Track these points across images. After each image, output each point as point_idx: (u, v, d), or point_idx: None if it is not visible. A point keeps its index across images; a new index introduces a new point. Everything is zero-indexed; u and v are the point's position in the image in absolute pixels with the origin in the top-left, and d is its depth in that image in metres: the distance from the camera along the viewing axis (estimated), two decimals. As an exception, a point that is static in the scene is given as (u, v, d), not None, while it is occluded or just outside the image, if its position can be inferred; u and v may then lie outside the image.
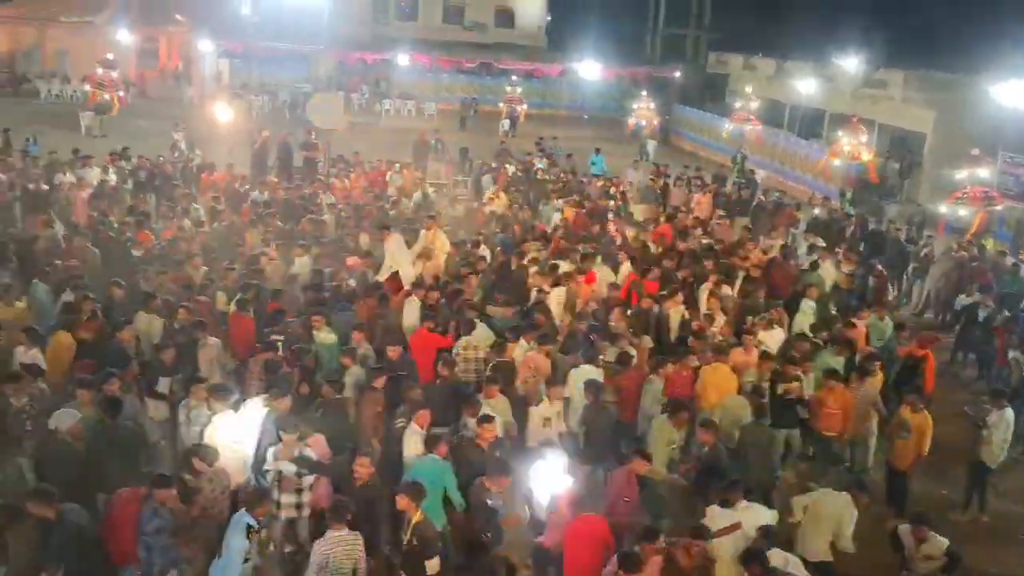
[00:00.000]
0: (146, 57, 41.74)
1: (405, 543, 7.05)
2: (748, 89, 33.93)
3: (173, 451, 8.97)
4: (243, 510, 7.03)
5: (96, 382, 8.65)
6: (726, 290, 13.45)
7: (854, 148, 21.53)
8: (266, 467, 7.97)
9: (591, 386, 9.46)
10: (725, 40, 48.15)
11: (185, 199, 17.33)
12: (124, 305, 11.13)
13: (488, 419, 8.57)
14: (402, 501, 7.11)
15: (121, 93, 34.42)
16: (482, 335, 10.94)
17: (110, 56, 36.15)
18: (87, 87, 32.61)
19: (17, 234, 14.63)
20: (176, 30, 41.10)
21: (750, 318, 12.58)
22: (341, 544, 6.90)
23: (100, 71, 33.68)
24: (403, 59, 39.64)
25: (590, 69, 39.54)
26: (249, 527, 6.88)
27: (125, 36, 38.35)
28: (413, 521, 7.03)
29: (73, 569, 6.73)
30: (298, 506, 7.91)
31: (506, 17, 48.42)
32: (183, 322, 10.54)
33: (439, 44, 43.52)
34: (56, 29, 39.83)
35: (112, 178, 18.97)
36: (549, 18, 50.34)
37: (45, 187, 17.30)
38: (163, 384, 9.49)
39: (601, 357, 10.67)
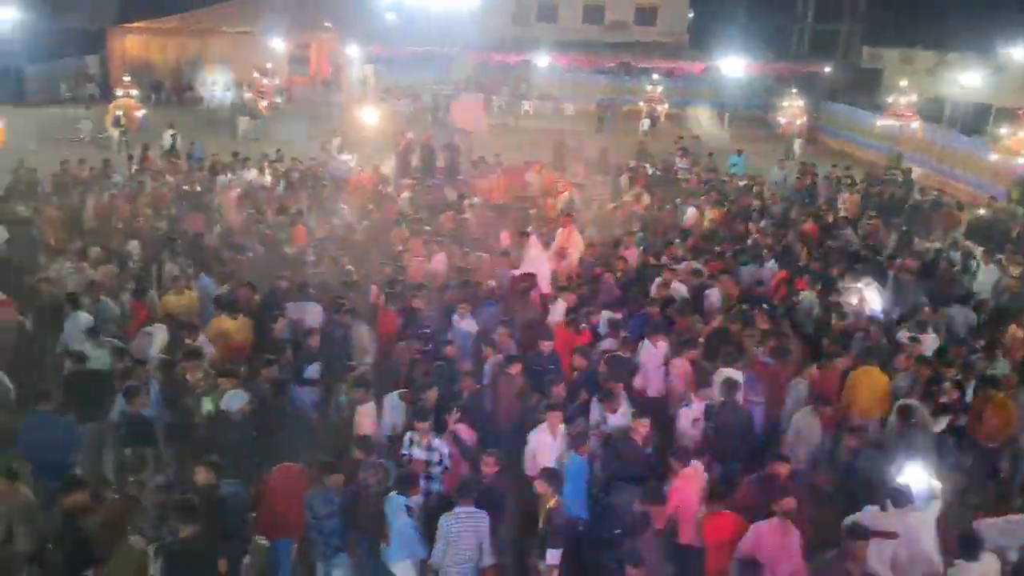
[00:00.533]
0: (297, 64, 43.73)
1: (540, 528, 7.21)
2: (903, 83, 32.26)
3: (325, 435, 9.31)
4: (395, 492, 7.30)
5: (256, 369, 9.16)
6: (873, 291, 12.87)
7: (1019, 144, 20.13)
8: (403, 451, 8.21)
9: (726, 385, 9.25)
10: (879, 33, 46.00)
11: (334, 199, 18.06)
12: (283, 297, 11.65)
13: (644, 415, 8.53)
14: (540, 486, 7.30)
15: (278, 100, 36.45)
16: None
17: (269, 65, 38.36)
18: (250, 94, 34.74)
19: (184, 231, 15.56)
20: (325, 37, 42.83)
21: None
22: (469, 519, 7.11)
23: (258, 77, 35.74)
24: (543, 60, 39.87)
25: (734, 66, 38.57)
26: (408, 507, 7.16)
27: (279, 44, 40.33)
28: (548, 507, 7.17)
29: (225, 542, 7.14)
30: (427, 493, 8.07)
31: (647, 15, 47.84)
32: (336, 314, 10.94)
33: (579, 44, 43.54)
34: (218, 39, 42.29)
35: (267, 179, 20.00)
36: (692, 15, 49.47)
37: (198, 188, 18.30)
38: (312, 370, 9.86)
39: (758, 351, 10.41)
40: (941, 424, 9.33)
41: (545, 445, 8.33)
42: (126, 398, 8.51)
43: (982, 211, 20.30)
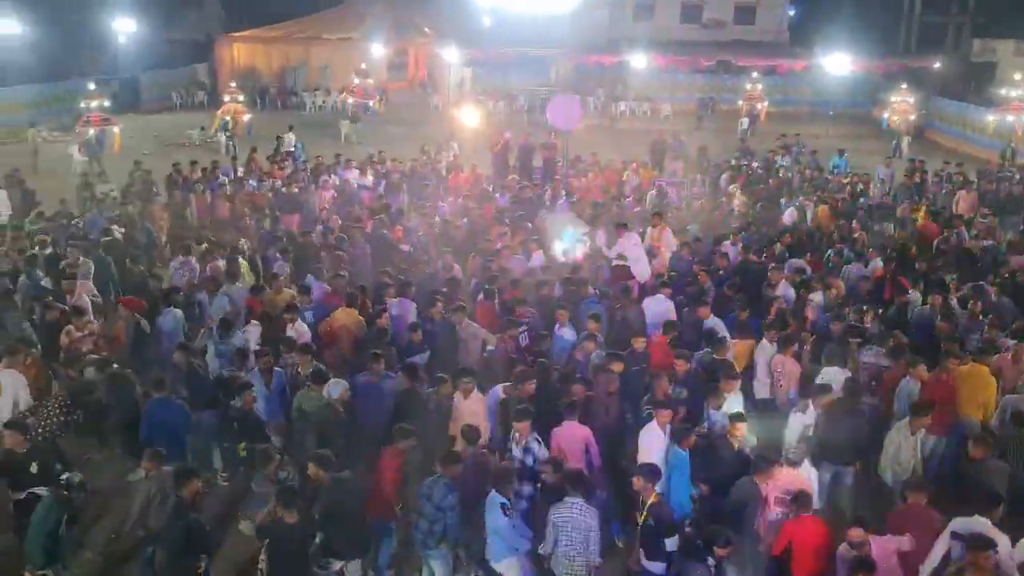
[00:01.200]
0: (395, 69, 44.61)
1: (641, 521, 7.19)
2: (1017, 76, 30.81)
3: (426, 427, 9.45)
4: (494, 491, 7.35)
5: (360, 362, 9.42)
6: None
7: None
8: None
9: (848, 385, 9.01)
10: (991, 25, 43.99)
11: (434, 198, 18.35)
12: (387, 292, 11.88)
13: (741, 417, 8.39)
14: (638, 482, 7.27)
15: (371, 103, 37.28)
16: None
17: (363, 66, 39.29)
18: (347, 98, 35.64)
19: (290, 231, 16.04)
20: (423, 42, 43.56)
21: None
22: (576, 510, 7.12)
23: (356, 80, 36.63)
24: (639, 60, 39.58)
25: (837, 63, 37.45)
26: (503, 505, 7.18)
27: (379, 50, 41.24)
28: (648, 502, 7.16)
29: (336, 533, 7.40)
30: (518, 494, 8.01)
31: (746, 13, 46.95)
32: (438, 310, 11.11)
33: (676, 44, 43.06)
34: (320, 46, 43.51)
35: (369, 179, 20.45)
36: (792, 11, 48.31)
37: (295, 189, 18.88)
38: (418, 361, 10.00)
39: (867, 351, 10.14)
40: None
41: (655, 442, 8.27)
42: (239, 394, 8.82)
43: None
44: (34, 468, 7.77)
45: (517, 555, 7.41)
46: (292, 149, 24.86)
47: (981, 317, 11.43)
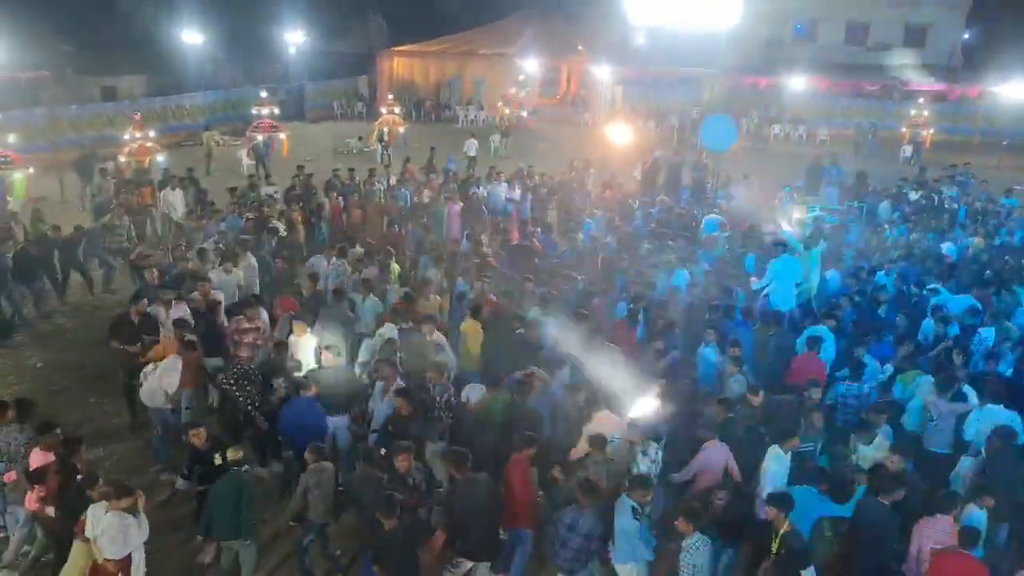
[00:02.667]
0: (548, 85, 45.09)
1: (774, 552, 6.99)
2: None
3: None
4: (625, 494, 7.39)
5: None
6: None
7: None
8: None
9: (998, 433, 8.44)
10: None
11: (581, 213, 18.41)
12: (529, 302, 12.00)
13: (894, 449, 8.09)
14: (771, 512, 7.09)
15: (525, 114, 37.84)
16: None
17: (521, 77, 39.99)
18: (503, 109, 36.37)
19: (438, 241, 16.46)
20: (576, 59, 43.84)
21: None
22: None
23: (513, 90, 37.35)
24: (798, 82, 38.43)
25: (1014, 90, 35.16)
26: (634, 509, 7.22)
27: (532, 66, 41.82)
28: (781, 531, 6.97)
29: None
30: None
31: (917, 35, 44.71)
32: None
33: (838, 66, 41.55)
34: (475, 61, 44.54)
35: (516, 193, 20.70)
36: (967, 34, 45.68)
37: (426, 200, 19.29)
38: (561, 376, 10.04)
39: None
40: None
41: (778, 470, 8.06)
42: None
43: None
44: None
45: (636, 561, 7.40)
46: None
47: None
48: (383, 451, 8.14)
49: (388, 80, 44.51)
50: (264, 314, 11.43)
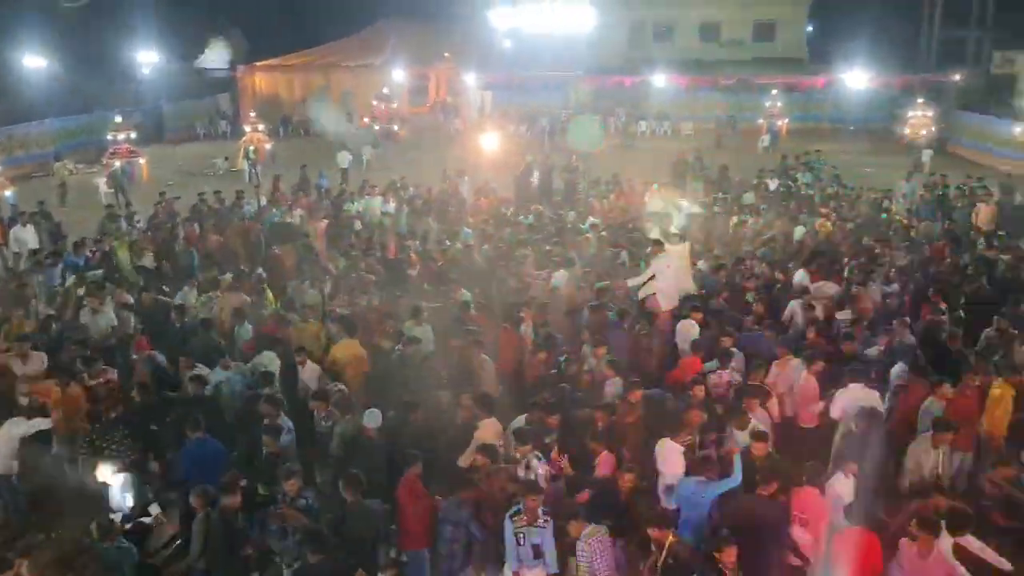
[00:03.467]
0: (416, 93, 44.97)
1: (660, 563, 6.93)
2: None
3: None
4: (508, 516, 7.38)
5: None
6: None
7: None
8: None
9: (864, 415, 8.91)
10: (1012, 38, 43.68)
11: (457, 223, 18.41)
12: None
13: (763, 436, 8.33)
14: (653, 532, 7.03)
15: (395, 127, 37.62)
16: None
17: (385, 90, 39.68)
18: (371, 123, 36.04)
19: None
20: (444, 66, 43.91)
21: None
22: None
23: (375, 103, 37.02)
24: (659, 80, 39.65)
25: (857, 79, 37.36)
26: (516, 534, 7.31)
27: (400, 75, 41.62)
28: (667, 543, 6.94)
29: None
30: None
31: (765, 31, 46.98)
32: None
33: (696, 63, 43.06)
34: (341, 73, 43.99)
35: (391, 206, 20.50)
36: (811, 28, 48.24)
37: (288, 220, 18.89)
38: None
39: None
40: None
41: (674, 458, 8.28)
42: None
43: None
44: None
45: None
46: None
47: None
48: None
49: (252, 96, 43.45)
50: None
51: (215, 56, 51.29)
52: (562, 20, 31.85)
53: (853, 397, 9.34)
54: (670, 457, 8.31)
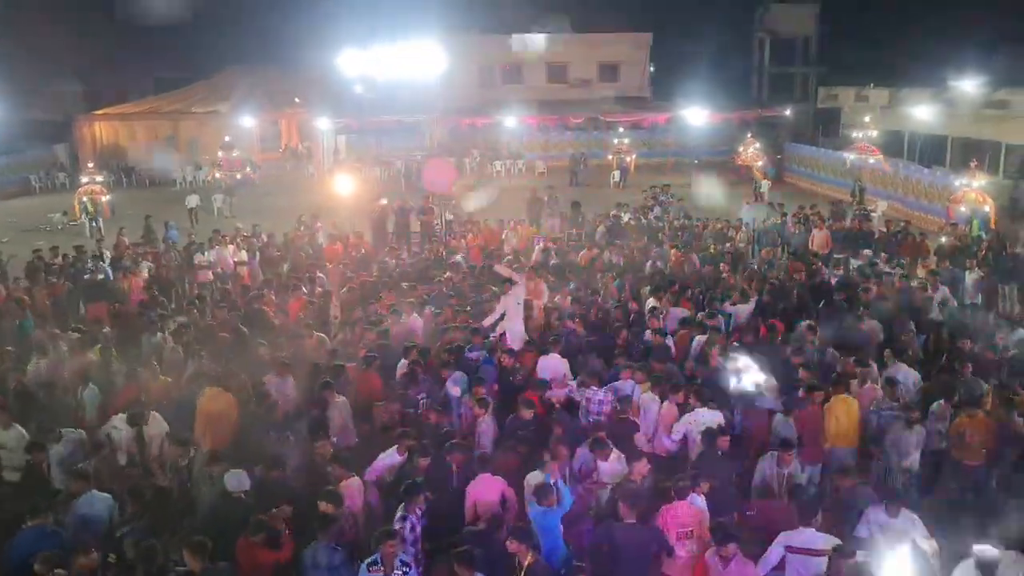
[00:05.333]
0: (268, 140, 44.20)
1: None
2: (867, 119, 33.16)
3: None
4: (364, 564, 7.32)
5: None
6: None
7: (977, 195, 21.21)
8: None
9: (706, 435, 9.23)
10: (834, 74, 47.36)
11: (312, 269, 18.14)
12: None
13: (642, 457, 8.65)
14: (512, 545, 7.19)
15: (239, 176, 36.81)
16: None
17: (227, 138, 38.82)
18: (215, 172, 35.14)
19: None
20: (295, 111, 43.39)
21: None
22: None
23: (221, 155, 36.16)
24: (511, 121, 40.53)
25: (697, 115, 39.43)
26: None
27: (249, 121, 40.81)
28: (526, 563, 7.09)
29: None
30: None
31: (609, 71, 48.89)
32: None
33: (545, 103, 44.30)
34: (188, 120, 42.73)
35: (243, 255, 19.97)
36: (652, 68, 50.59)
37: (99, 277, 18.15)
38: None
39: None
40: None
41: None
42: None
43: (943, 239, 20.64)
44: None
45: None
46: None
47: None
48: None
49: (91, 146, 41.54)
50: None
51: (51, 104, 48.78)
52: (412, 65, 32.33)
53: (697, 419, 9.75)
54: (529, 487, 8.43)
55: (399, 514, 7.98)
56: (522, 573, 7.06)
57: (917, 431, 9.64)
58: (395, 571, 7.22)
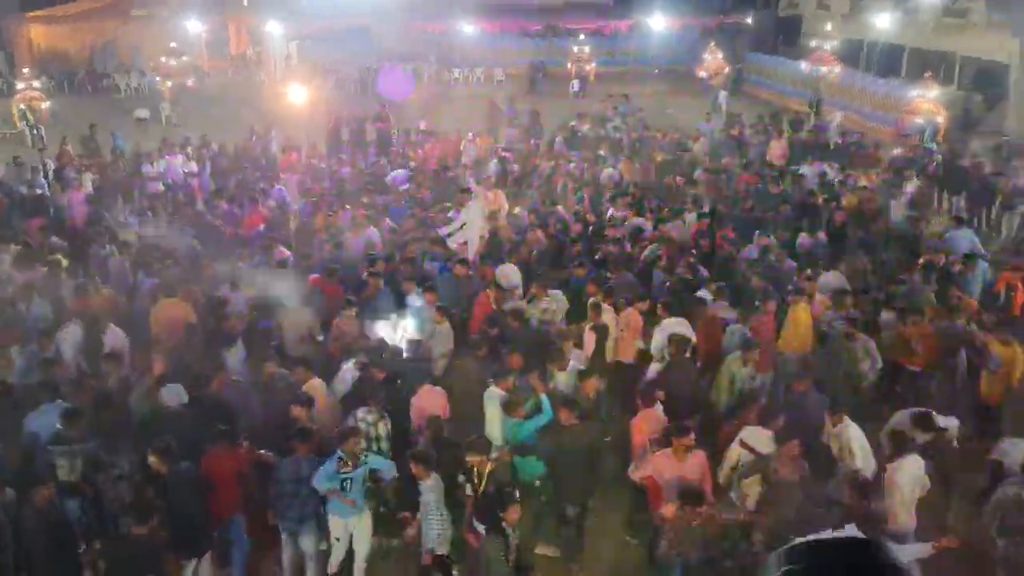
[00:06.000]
0: (215, 46, 42.54)
1: (481, 490, 7.20)
2: (828, 27, 32.92)
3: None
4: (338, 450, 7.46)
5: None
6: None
7: (931, 106, 21.46)
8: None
9: (676, 342, 9.37)
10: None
11: (268, 180, 17.79)
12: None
13: (589, 374, 8.77)
14: (472, 459, 7.28)
15: (189, 82, 35.59)
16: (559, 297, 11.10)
17: (173, 44, 37.33)
18: (163, 80, 33.89)
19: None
20: (243, 15, 41.74)
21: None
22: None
23: (164, 59, 34.81)
24: (468, 27, 39.48)
25: (658, 22, 38.76)
26: (340, 459, 7.47)
27: (195, 26, 39.20)
28: (487, 471, 7.20)
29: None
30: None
31: (570, -24, 47.50)
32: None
33: (504, 8, 43.08)
34: (130, 24, 40.91)
35: (194, 165, 19.46)
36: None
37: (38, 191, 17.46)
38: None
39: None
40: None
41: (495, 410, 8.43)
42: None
43: (897, 151, 20.80)
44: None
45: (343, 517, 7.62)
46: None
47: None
48: None
49: (28, 51, 39.68)
50: None
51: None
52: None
53: (665, 328, 9.89)
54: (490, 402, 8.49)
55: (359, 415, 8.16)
56: (485, 479, 7.18)
57: (862, 340, 9.86)
58: (359, 468, 7.37)
